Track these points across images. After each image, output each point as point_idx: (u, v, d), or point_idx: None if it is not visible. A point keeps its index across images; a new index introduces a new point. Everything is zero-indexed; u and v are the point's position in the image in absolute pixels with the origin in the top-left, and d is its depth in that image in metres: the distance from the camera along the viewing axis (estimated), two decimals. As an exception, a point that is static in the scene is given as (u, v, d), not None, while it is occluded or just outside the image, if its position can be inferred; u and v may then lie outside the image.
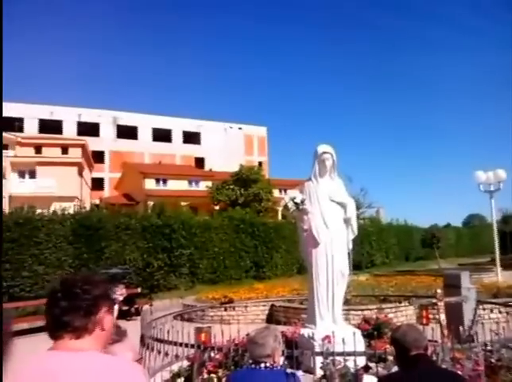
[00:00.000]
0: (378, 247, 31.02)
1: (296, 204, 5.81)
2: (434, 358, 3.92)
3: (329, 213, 5.97)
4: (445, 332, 4.76)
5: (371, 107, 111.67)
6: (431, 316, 5.65)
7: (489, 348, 4.49)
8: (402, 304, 10.14)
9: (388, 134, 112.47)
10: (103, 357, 1.53)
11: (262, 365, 2.86)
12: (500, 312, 9.92)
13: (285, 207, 5.87)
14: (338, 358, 4.44)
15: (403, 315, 10.60)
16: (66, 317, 1.50)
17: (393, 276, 20.45)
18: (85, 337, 1.53)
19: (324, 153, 6.12)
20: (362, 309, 9.91)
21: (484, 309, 8.34)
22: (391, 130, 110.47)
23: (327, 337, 4.99)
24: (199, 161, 55.45)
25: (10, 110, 42.10)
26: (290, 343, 5.32)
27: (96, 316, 1.56)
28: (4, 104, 32.78)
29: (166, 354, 5.33)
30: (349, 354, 4.38)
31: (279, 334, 3.17)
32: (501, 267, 18.41)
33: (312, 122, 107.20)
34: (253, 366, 2.90)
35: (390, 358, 4.75)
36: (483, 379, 3.93)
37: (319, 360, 5.08)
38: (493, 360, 4.35)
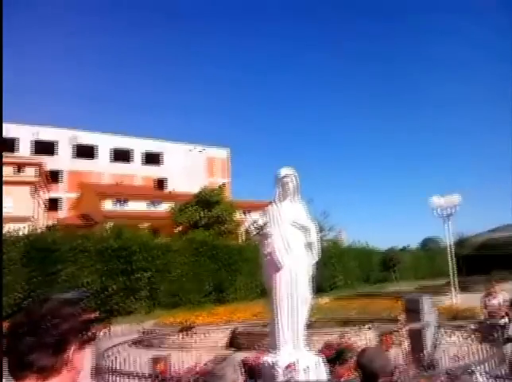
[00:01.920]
0: (339, 269, 31.26)
1: (257, 228, 5.73)
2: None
3: (291, 237, 5.91)
4: (408, 358, 4.72)
5: (333, 130, 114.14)
6: (392, 341, 5.64)
7: (450, 373, 4.48)
8: (365, 327, 10.13)
9: (349, 157, 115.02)
10: None
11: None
12: (456, 335, 10.08)
13: (247, 231, 5.77)
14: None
15: (364, 339, 10.58)
16: (31, 356, 1.32)
17: (354, 299, 20.59)
18: (52, 379, 1.35)
19: (286, 176, 6.09)
20: (325, 333, 9.82)
21: (446, 332, 8.41)
22: (352, 154, 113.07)
23: (291, 365, 4.86)
24: (161, 183, 54.72)
25: (-38, 126, 40.33)
26: (253, 371, 5.16)
27: (66, 354, 1.38)
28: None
29: (121, 386, 5.04)
30: (313, 384, 4.26)
31: (238, 365, 3.05)
32: (457, 290, 18.88)
33: (274, 145, 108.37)
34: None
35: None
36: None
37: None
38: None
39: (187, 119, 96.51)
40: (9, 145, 46.01)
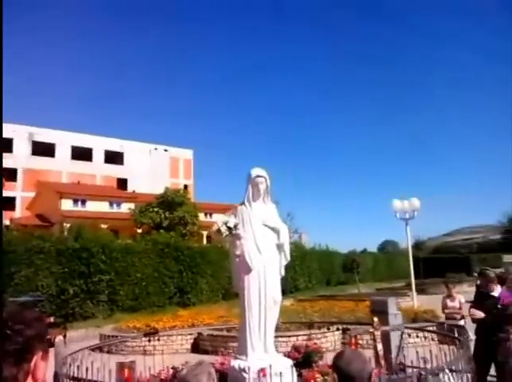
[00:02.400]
0: (301, 271, 31.52)
1: (229, 228, 5.62)
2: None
3: (262, 238, 5.83)
4: (382, 361, 4.73)
5: (296, 133, 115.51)
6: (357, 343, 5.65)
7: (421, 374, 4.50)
8: (332, 330, 10.18)
9: (311, 160, 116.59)
10: None
11: (195, 407, 2.59)
12: (417, 336, 10.27)
13: (218, 231, 5.64)
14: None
15: (329, 341, 10.65)
16: None
17: (316, 301, 20.75)
18: None
19: (258, 176, 6.01)
20: (290, 336, 9.81)
21: (409, 334, 8.55)
22: (314, 157, 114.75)
23: (262, 370, 4.77)
24: (122, 183, 53.56)
25: None
26: (221, 376, 5.03)
27: (29, 363, 1.24)
28: None
29: (83, 395, 4.79)
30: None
31: (213, 371, 2.93)
32: (415, 292, 19.34)
33: (238, 146, 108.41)
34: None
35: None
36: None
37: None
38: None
39: (150, 119, 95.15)
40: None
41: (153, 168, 55.29)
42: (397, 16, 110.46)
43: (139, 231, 34.09)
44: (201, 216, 39.03)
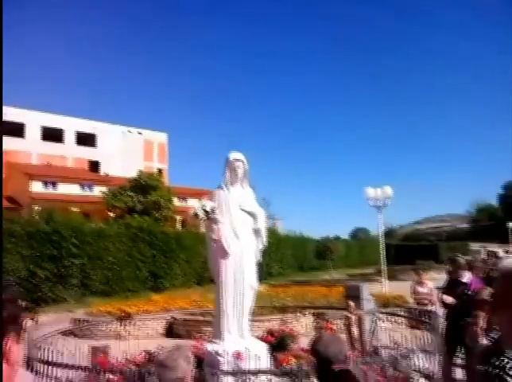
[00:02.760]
0: (275, 257, 31.75)
1: (206, 212, 5.58)
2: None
3: (239, 223, 5.82)
4: (356, 345, 4.81)
5: (274, 119, 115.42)
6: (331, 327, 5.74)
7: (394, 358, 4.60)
8: (303, 314, 10.31)
9: (287, 146, 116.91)
10: None
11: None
12: (389, 321, 10.51)
13: (195, 215, 5.59)
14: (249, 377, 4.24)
15: (301, 325, 10.79)
16: None
17: (289, 286, 20.96)
18: None
19: (236, 160, 5.97)
20: (263, 320, 9.88)
21: (381, 320, 8.73)
22: (291, 143, 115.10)
23: (239, 353, 4.79)
24: (94, 165, 52.48)
25: None
26: (196, 360, 5.02)
27: (3, 347, 1.19)
28: None
29: (56, 379, 4.71)
30: (265, 372, 4.21)
31: (191, 355, 2.92)
32: (386, 278, 19.77)
33: (213, 131, 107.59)
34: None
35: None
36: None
37: (225, 379, 4.86)
38: (391, 370, 4.48)
39: (125, 102, 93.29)
40: None
41: (126, 151, 54.32)
42: (399, 5, 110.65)
43: (112, 215, 33.60)
44: (175, 201, 38.72)
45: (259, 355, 4.44)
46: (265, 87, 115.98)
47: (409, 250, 46.84)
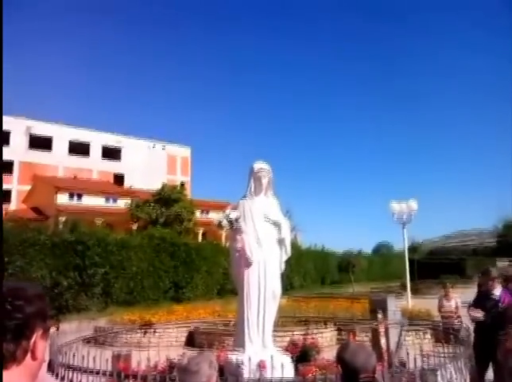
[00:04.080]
0: (296, 270, 31.51)
1: (230, 221, 5.57)
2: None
3: (263, 233, 5.78)
4: (385, 356, 4.69)
5: (295, 129, 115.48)
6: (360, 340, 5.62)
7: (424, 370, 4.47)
8: (327, 327, 10.15)
9: (310, 157, 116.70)
10: None
11: (196, 397, 2.53)
12: (416, 333, 10.26)
13: (219, 225, 5.59)
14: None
15: (324, 337, 10.61)
16: None
17: (311, 299, 20.74)
18: (12, 368, 1.14)
19: (261, 170, 5.96)
20: (286, 332, 9.76)
21: (408, 331, 8.56)
22: (314, 154, 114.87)
23: (262, 363, 4.72)
24: (119, 178, 53.33)
25: None
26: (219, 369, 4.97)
27: (28, 341, 1.18)
28: None
29: (79, 384, 4.73)
30: None
31: (214, 360, 2.89)
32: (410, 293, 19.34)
33: (235, 144, 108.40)
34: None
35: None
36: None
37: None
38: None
39: (149, 116, 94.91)
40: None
41: (150, 164, 55.09)
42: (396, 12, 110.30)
43: (135, 226, 33.96)
44: (197, 214, 38.94)
45: (282, 365, 4.36)
46: (291, 98, 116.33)
47: (434, 265, 45.81)
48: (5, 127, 47.69)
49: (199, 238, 36.23)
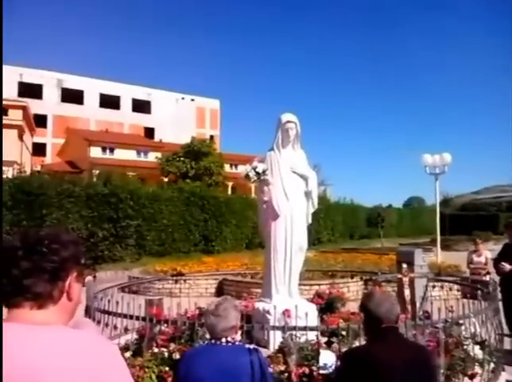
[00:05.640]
0: (324, 224, 31.61)
1: (257, 173, 5.57)
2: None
3: (290, 185, 5.78)
4: (408, 307, 4.75)
5: (326, 85, 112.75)
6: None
7: (439, 325, 4.50)
8: (354, 279, 10.29)
9: (341, 112, 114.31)
10: (76, 334, 1.24)
11: (223, 340, 2.64)
12: (442, 288, 10.25)
13: (246, 177, 5.60)
14: (296, 333, 4.30)
15: (351, 291, 10.77)
16: (27, 281, 1.19)
17: (339, 253, 20.92)
18: (49, 307, 1.22)
19: (288, 122, 5.87)
20: (312, 284, 9.95)
21: (433, 286, 8.57)
22: (345, 109, 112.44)
23: (287, 311, 4.86)
24: (149, 132, 53.79)
25: None
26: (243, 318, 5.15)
27: (64, 282, 1.25)
28: None
29: (115, 327, 5.00)
30: (311, 329, 4.26)
31: (238, 305, 2.99)
32: (440, 248, 19.21)
33: (265, 98, 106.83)
34: (213, 342, 2.67)
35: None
36: (441, 355, 3.94)
37: (272, 334, 4.96)
38: (443, 337, 4.38)
39: (178, 70, 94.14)
40: (-8, 86, 44.25)
41: (179, 117, 55.13)
42: None
43: (165, 180, 34.54)
44: (226, 167, 39.16)
45: (307, 314, 4.47)
46: (319, 54, 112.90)
47: (467, 220, 45.09)
48: (37, 81, 48.34)
49: (229, 192, 36.58)
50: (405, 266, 5.13)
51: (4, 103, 37.90)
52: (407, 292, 4.95)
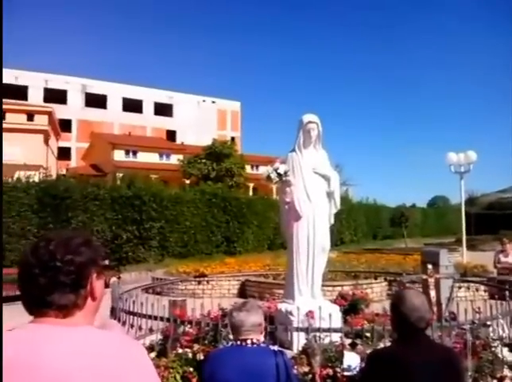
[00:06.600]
0: (347, 225, 31.35)
1: (279, 175, 5.57)
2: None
3: (312, 186, 5.76)
4: (434, 309, 4.68)
5: (348, 86, 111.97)
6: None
7: (466, 326, 4.42)
8: (377, 280, 10.18)
9: (363, 111, 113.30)
10: (103, 335, 1.25)
11: (249, 342, 2.63)
12: (468, 288, 10.06)
13: (268, 178, 5.61)
14: (320, 334, 4.28)
15: (375, 292, 10.66)
16: (50, 298, 1.19)
17: (362, 254, 20.70)
18: (76, 314, 1.23)
19: (310, 122, 5.86)
20: (335, 285, 9.89)
21: (459, 287, 8.41)
22: (367, 109, 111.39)
23: (311, 312, 4.84)
24: (171, 134, 54.31)
25: (-29, 72, 39.69)
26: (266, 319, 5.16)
27: (86, 288, 1.25)
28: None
29: (140, 328, 5.07)
30: (335, 331, 4.23)
31: (261, 305, 2.99)
32: (465, 248, 18.83)
33: (286, 98, 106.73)
34: (238, 343, 2.66)
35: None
36: (468, 357, 3.86)
37: (296, 335, 4.95)
38: (471, 338, 4.30)
39: (199, 73, 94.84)
40: (20, 92, 45.46)
41: (200, 120, 55.49)
42: None
43: (187, 182, 34.80)
44: (248, 169, 39.23)
45: (330, 315, 4.44)
46: (340, 52, 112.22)
47: (493, 219, 44.02)
48: (62, 86, 49.36)
49: (250, 193, 36.63)
50: (430, 266, 5.05)
51: (30, 108, 38.79)
52: (432, 293, 4.88)
